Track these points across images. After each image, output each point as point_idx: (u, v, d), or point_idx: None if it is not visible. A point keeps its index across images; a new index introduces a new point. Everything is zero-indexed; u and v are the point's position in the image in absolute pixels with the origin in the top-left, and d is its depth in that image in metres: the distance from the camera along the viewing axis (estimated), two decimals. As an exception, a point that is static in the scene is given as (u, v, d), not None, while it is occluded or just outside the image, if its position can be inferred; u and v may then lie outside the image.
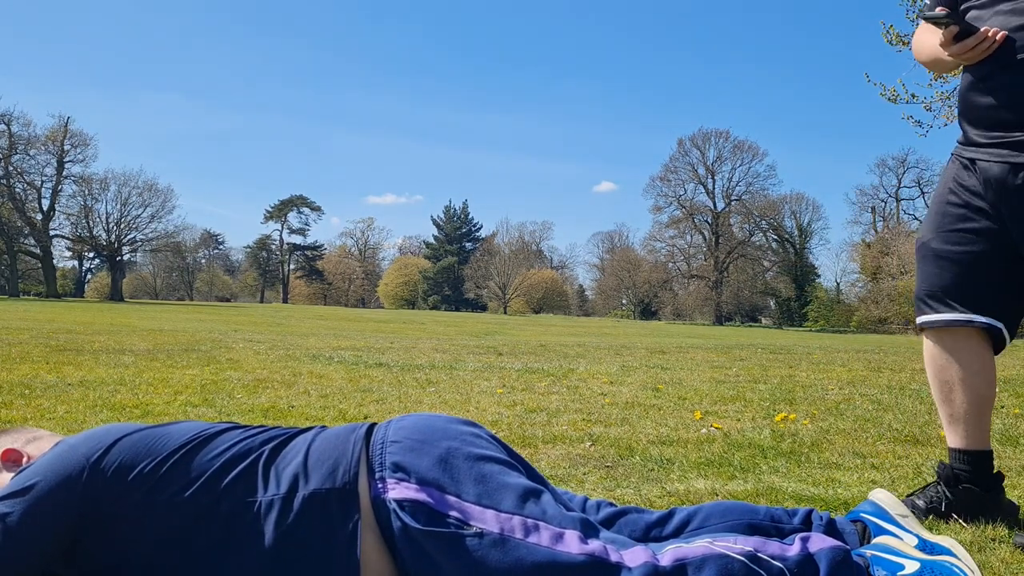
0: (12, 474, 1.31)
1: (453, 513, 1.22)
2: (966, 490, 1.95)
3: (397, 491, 1.24)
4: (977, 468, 1.97)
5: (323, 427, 1.41)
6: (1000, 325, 1.96)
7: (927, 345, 2.07)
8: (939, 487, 1.99)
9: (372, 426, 1.38)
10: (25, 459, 1.36)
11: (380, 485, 1.25)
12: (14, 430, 1.46)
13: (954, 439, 2.01)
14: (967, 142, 2.00)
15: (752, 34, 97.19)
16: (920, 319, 2.06)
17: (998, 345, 2.00)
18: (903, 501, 1.95)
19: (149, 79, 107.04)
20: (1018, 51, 1.85)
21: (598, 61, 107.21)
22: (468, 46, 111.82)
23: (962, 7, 2.01)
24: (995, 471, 2.00)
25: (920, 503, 1.98)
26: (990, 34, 1.85)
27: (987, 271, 1.94)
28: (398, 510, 1.22)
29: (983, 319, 1.95)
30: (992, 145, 1.91)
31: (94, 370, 5.10)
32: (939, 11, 1.88)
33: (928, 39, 2.05)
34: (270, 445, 1.33)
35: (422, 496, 1.23)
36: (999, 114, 1.90)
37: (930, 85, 11.00)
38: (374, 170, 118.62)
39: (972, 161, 1.96)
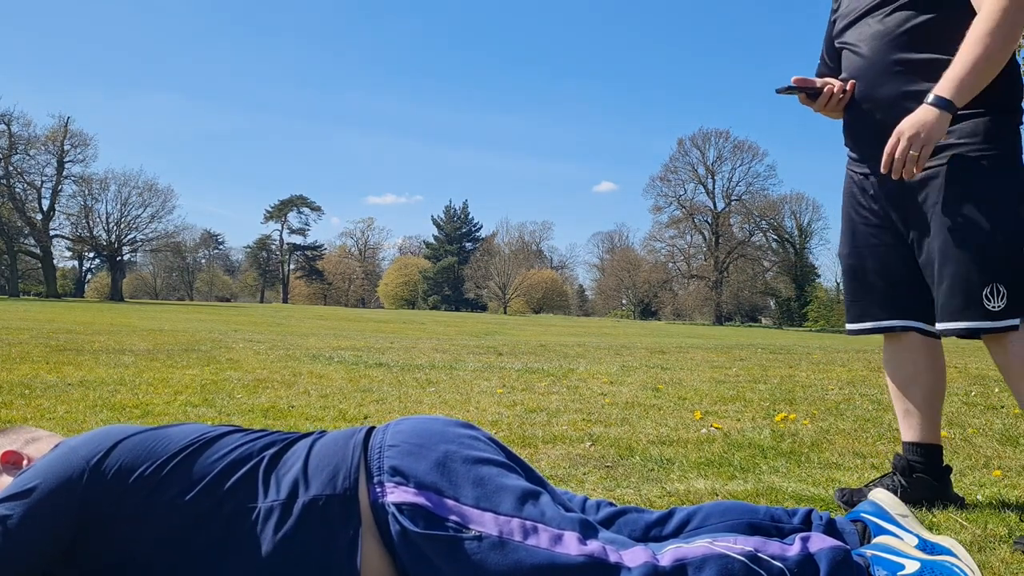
0: (12, 476, 1.31)
1: (452, 516, 1.22)
2: (919, 479, 2.10)
3: (395, 495, 1.24)
4: (929, 460, 2.12)
5: (323, 432, 1.41)
6: (919, 324, 2.09)
7: (884, 347, 2.21)
8: (895, 476, 2.13)
9: (371, 430, 1.38)
10: (25, 461, 1.35)
11: (378, 489, 1.25)
12: (12, 430, 1.45)
13: (908, 432, 2.16)
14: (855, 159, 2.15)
15: (753, 34, 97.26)
16: (847, 326, 2.22)
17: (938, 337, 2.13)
18: (862, 489, 2.11)
19: (149, 79, 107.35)
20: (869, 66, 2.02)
21: (598, 61, 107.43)
22: (468, 46, 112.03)
23: (837, 42, 2.17)
24: (944, 464, 2.15)
25: None
26: (836, 89, 2.08)
27: (897, 278, 2.08)
28: (397, 514, 1.22)
29: (900, 323, 2.10)
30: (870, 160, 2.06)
31: (94, 370, 5.10)
32: (787, 83, 2.12)
33: None
34: (271, 451, 1.33)
35: (420, 500, 1.23)
36: (867, 133, 2.05)
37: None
38: (374, 170, 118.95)
39: (864, 176, 2.10)
